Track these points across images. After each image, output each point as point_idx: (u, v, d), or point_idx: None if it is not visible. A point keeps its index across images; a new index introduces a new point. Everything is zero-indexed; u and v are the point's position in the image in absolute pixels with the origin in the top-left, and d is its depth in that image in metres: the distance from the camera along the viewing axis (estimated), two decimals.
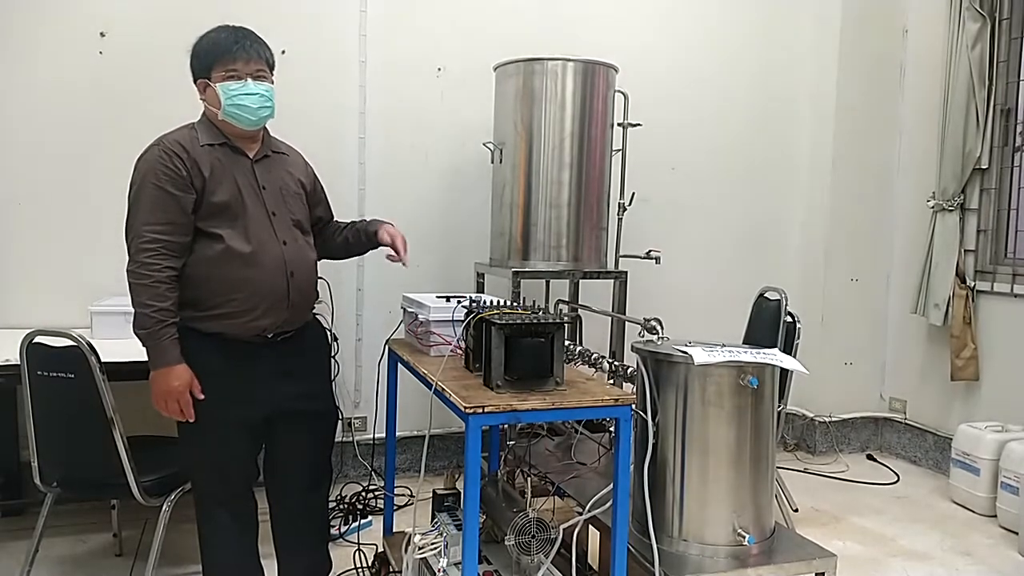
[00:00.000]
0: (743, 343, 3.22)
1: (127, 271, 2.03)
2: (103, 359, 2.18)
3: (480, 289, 3.62)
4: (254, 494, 2.29)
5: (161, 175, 2.04)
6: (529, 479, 2.30)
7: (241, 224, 2.11)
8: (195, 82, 2.18)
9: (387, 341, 2.56)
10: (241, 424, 2.16)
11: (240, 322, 2.11)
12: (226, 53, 2.11)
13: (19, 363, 2.27)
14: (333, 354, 2.81)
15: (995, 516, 3.40)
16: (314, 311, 2.37)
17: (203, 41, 2.16)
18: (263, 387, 2.17)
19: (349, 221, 2.52)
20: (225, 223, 2.10)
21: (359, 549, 2.71)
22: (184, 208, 2.05)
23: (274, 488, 2.35)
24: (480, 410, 1.76)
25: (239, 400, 2.14)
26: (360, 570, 2.70)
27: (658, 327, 2.24)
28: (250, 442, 2.23)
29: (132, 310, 2.02)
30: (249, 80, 2.12)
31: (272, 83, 2.19)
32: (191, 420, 2.09)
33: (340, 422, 2.68)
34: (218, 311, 2.09)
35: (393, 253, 2.39)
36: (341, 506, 3.26)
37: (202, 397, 2.08)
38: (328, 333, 2.52)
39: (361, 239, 2.47)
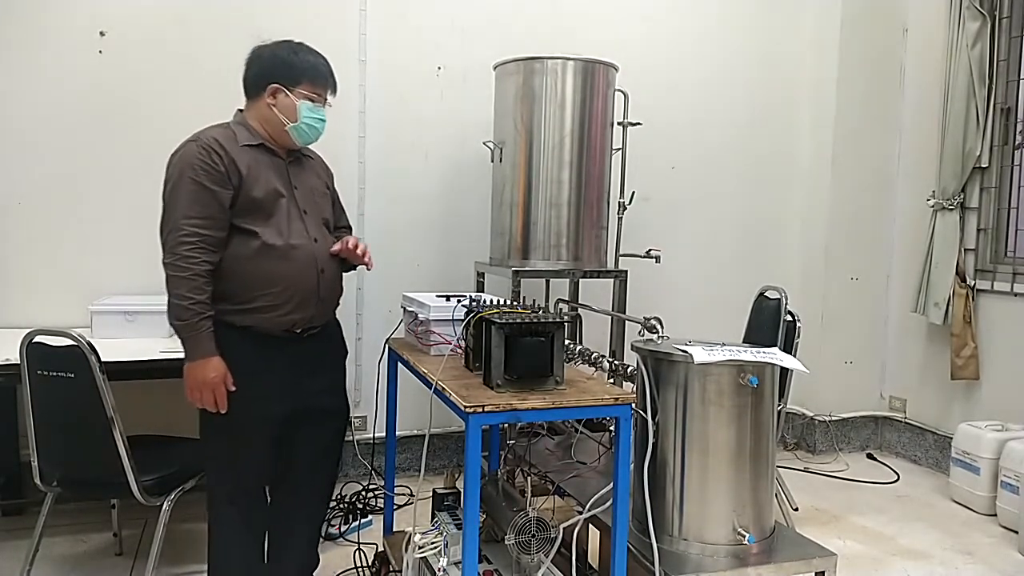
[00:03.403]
0: (743, 342, 3.22)
1: (164, 263, 2.05)
2: (103, 358, 2.18)
3: (480, 288, 3.62)
4: (267, 495, 2.30)
5: (199, 170, 2.07)
6: (529, 478, 2.29)
7: (275, 221, 2.16)
8: (262, 84, 2.20)
9: (387, 340, 2.56)
10: (264, 420, 2.18)
11: (272, 316, 2.14)
12: (323, 79, 2.26)
13: (19, 363, 2.26)
14: None
15: (995, 515, 3.40)
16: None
17: (299, 55, 2.22)
18: (289, 382, 2.21)
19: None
20: (260, 219, 2.14)
21: (359, 548, 2.71)
22: (222, 203, 2.09)
23: (282, 483, 2.35)
24: (480, 409, 1.76)
25: (265, 395, 2.16)
26: (360, 569, 2.70)
27: (658, 326, 2.24)
28: (270, 441, 2.24)
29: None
30: (324, 108, 2.26)
31: None
32: (223, 411, 2.11)
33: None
34: (251, 305, 2.13)
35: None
36: (341, 505, 3.26)
37: (234, 389, 2.11)
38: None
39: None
